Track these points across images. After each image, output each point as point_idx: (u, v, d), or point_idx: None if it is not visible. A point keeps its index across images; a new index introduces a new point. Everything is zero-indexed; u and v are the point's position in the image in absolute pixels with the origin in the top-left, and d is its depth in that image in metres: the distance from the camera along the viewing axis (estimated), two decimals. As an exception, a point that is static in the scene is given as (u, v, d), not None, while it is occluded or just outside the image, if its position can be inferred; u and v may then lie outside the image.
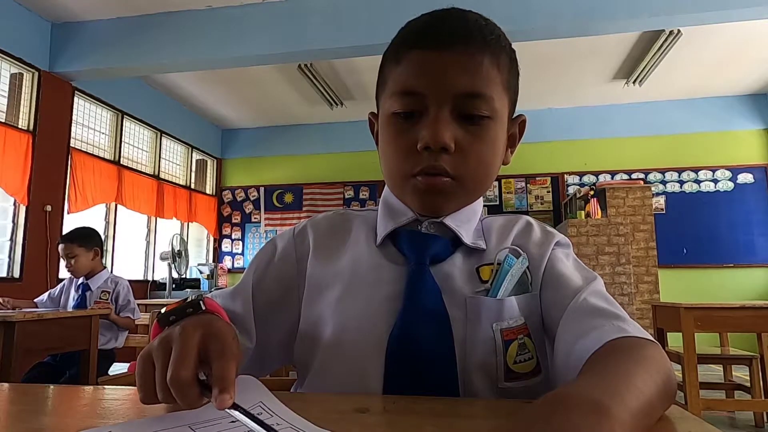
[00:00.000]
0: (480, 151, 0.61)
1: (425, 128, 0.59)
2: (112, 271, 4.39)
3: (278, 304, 0.68)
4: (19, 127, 3.79)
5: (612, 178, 5.65)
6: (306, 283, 0.67)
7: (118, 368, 2.81)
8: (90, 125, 4.54)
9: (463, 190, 0.63)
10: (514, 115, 0.69)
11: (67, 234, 2.83)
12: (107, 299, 2.74)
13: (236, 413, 0.40)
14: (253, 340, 0.66)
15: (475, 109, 0.60)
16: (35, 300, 2.82)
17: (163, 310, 0.51)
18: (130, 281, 2.89)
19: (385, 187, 0.70)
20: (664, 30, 4.09)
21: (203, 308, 0.51)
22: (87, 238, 2.82)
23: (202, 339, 0.44)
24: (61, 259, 2.85)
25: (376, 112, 0.71)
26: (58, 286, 2.92)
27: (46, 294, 2.87)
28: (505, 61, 0.63)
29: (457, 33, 0.60)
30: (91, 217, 4.48)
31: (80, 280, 2.79)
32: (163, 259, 4.96)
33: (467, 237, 0.65)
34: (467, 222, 0.66)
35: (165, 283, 5.04)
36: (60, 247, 2.80)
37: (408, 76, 0.61)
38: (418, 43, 0.61)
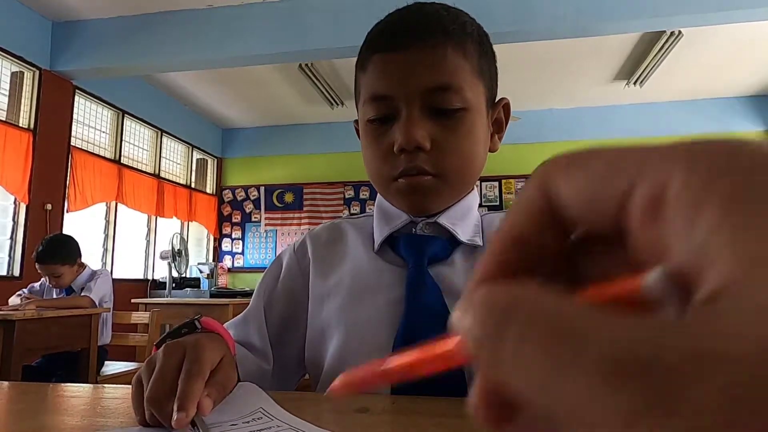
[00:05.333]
0: (458, 144, 0.60)
1: (398, 130, 0.59)
2: (111, 271, 4.39)
3: (290, 321, 0.69)
4: (20, 125, 3.78)
5: (612, 179, 5.65)
6: (310, 294, 0.68)
7: (116, 368, 2.80)
8: (90, 124, 4.54)
9: (447, 185, 0.62)
10: (497, 99, 0.67)
11: (44, 251, 2.60)
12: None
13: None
14: (270, 362, 0.67)
15: (445, 103, 0.59)
16: (18, 292, 2.77)
17: (166, 332, 0.53)
18: (130, 280, 2.87)
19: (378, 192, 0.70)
20: (665, 31, 4.09)
21: (199, 327, 0.52)
22: (68, 253, 2.66)
23: (178, 363, 0.45)
24: (42, 277, 2.71)
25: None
26: (38, 282, 2.86)
27: (27, 289, 2.83)
28: (473, 47, 0.61)
29: (415, 29, 0.59)
30: (91, 216, 4.48)
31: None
32: (163, 258, 4.95)
33: (463, 234, 0.64)
34: (462, 219, 0.66)
35: (165, 282, 5.03)
36: (38, 266, 2.61)
37: (374, 81, 0.61)
38: (378, 46, 0.61)
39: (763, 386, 0.08)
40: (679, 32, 4.09)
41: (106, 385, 0.65)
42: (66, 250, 2.67)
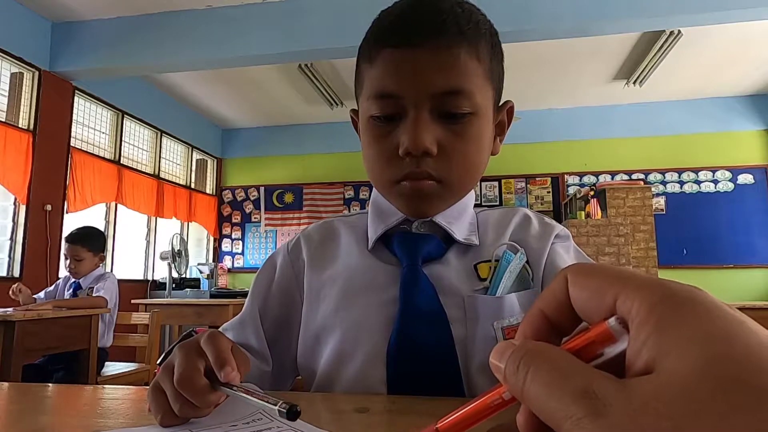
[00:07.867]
0: (464, 150, 0.58)
1: (405, 133, 0.56)
2: (112, 270, 4.39)
3: (286, 322, 0.68)
4: (20, 126, 3.78)
5: (612, 179, 5.65)
6: (305, 295, 0.67)
7: (116, 368, 2.80)
8: (90, 125, 4.54)
9: (449, 191, 0.61)
10: (501, 102, 0.66)
11: (75, 233, 2.75)
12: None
13: (231, 390, 0.42)
14: (269, 363, 0.67)
15: (455, 107, 0.56)
16: (35, 296, 2.79)
17: (166, 350, 0.53)
18: (130, 281, 2.88)
19: (374, 189, 0.68)
20: (664, 30, 4.09)
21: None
22: (95, 241, 2.79)
23: (198, 346, 0.45)
24: (64, 257, 2.82)
25: (357, 108, 0.68)
26: (54, 285, 2.90)
27: (43, 292, 2.85)
28: (486, 48, 0.59)
29: (430, 26, 0.56)
30: (91, 217, 4.48)
31: (73, 278, 2.78)
32: (163, 258, 4.96)
33: (459, 233, 0.64)
34: (458, 218, 0.65)
35: (165, 283, 5.04)
36: (65, 246, 2.75)
37: (382, 77, 0.58)
38: (389, 40, 0.58)
39: None
40: (679, 32, 4.09)
41: (106, 386, 0.65)
42: (94, 238, 2.81)
